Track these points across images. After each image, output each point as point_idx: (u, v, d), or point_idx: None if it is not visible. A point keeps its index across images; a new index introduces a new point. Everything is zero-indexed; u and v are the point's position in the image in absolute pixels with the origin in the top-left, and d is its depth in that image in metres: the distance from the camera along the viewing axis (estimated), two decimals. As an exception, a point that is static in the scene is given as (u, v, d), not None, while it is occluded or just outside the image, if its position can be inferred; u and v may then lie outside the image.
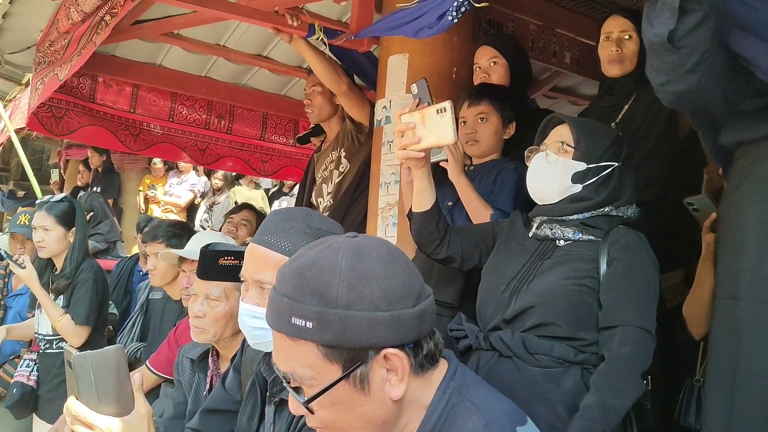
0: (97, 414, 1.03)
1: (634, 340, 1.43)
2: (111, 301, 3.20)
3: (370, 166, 2.68)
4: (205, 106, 4.21)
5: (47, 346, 2.87)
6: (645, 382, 1.45)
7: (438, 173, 2.26)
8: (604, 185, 1.61)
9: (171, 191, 6.87)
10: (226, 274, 1.74)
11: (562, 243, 1.62)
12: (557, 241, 1.62)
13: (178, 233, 2.82)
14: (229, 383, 1.60)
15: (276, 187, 7.53)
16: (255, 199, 6.76)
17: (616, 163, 1.62)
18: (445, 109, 1.52)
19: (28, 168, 4.79)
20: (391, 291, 0.89)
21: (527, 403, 1.40)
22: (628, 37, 2.19)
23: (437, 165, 2.21)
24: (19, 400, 2.83)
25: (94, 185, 6.40)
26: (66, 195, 3.06)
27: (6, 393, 3.01)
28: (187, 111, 4.13)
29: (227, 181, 7.11)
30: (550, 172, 1.64)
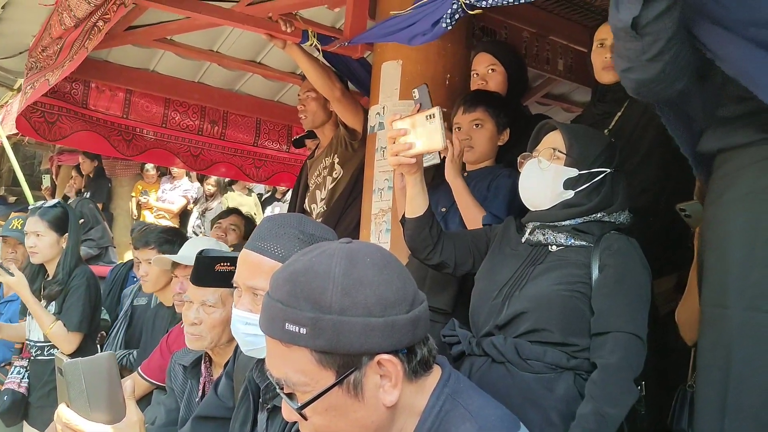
0: (88, 421, 1.02)
1: (625, 346, 1.43)
2: (104, 308, 3.18)
3: (363, 172, 2.68)
4: (199, 111, 4.19)
5: (38, 353, 2.85)
6: (639, 388, 1.45)
7: (434, 177, 2.27)
8: (596, 191, 1.62)
9: (164, 197, 6.85)
10: (221, 281, 1.72)
11: (555, 248, 1.62)
12: (550, 246, 1.63)
13: (170, 239, 2.80)
14: (221, 390, 1.59)
15: (268, 193, 7.52)
16: (248, 205, 6.74)
17: (608, 170, 1.63)
18: (433, 116, 1.55)
19: (19, 174, 4.76)
20: (385, 297, 0.89)
21: (520, 408, 1.40)
22: None
23: (434, 168, 2.22)
24: (9, 408, 2.81)
25: (85, 191, 6.38)
26: (59, 201, 3.05)
27: (-4, 400, 2.98)
28: (180, 117, 4.11)
29: (220, 187, 7.10)
30: (543, 179, 1.64)
